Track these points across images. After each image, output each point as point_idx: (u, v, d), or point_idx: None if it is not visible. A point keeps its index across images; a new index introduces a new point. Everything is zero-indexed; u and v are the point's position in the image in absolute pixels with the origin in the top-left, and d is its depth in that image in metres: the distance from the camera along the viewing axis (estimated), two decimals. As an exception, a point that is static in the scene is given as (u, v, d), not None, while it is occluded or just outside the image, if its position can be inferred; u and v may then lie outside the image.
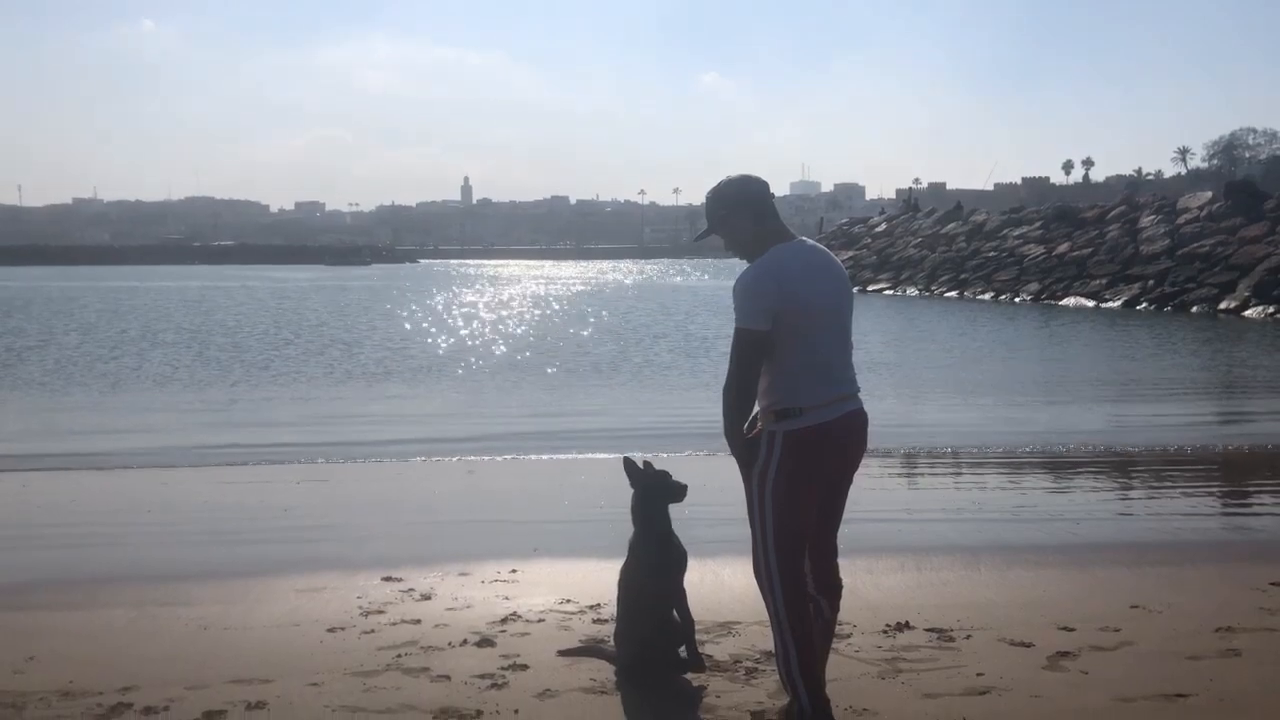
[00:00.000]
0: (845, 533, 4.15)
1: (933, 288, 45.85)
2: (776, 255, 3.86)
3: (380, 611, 5.57)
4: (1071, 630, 5.12)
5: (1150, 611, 5.43)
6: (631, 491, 4.64)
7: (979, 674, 4.57)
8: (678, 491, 4.64)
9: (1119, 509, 8.70)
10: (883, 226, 57.60)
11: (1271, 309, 30.59)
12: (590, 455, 11.07)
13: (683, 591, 4.62)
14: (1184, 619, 5.28)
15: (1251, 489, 9.67)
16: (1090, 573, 6.29)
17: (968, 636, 5.08)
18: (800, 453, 3.83)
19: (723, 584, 5.50)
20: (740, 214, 3.97)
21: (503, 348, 25.39)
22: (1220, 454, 11.15)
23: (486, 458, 10.97)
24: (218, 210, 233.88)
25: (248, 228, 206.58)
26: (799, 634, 3.87)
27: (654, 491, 4.62)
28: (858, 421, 3.96)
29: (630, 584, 4.61)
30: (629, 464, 4.66)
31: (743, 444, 3.89)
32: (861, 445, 4.02)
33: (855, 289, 40.52)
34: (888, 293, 47.19)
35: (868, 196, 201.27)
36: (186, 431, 13.13)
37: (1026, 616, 5.35)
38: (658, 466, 4.71)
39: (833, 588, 4.04)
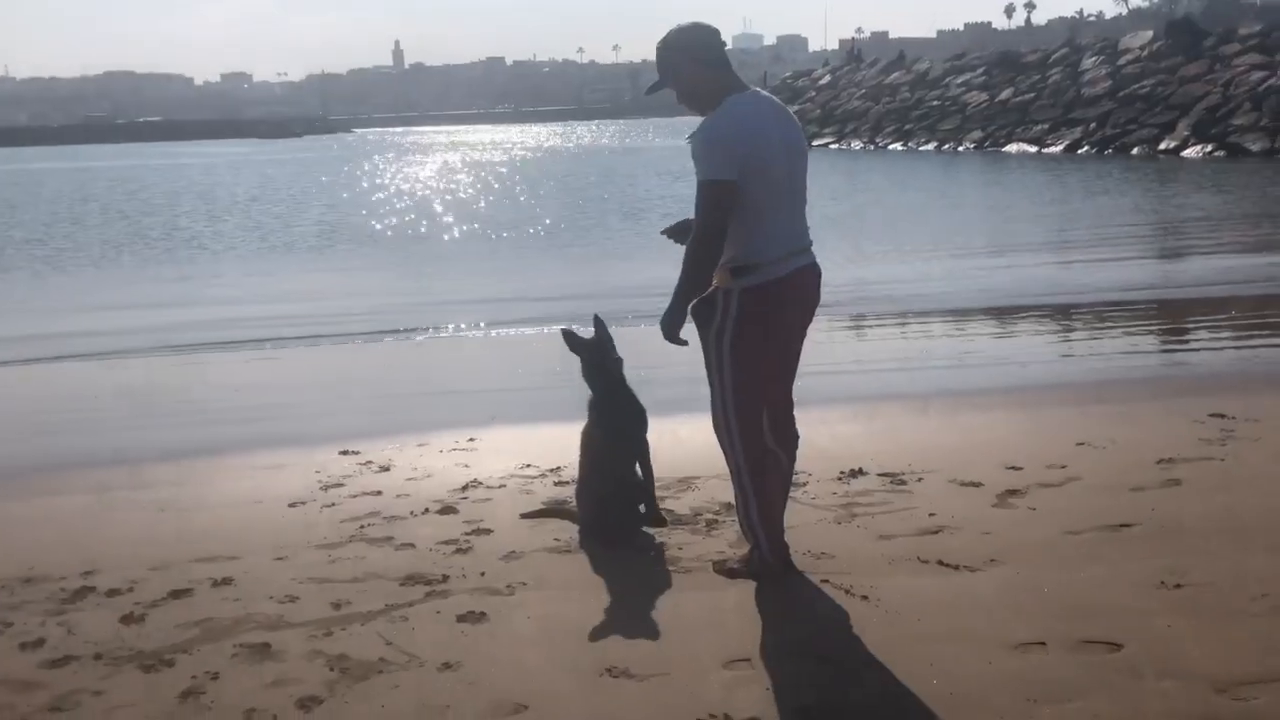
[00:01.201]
0: (799, 385, 4.19)
1: (877, 140, 45.63)
2: (734, 105, 3.78)
3: (340, 485, 5.59)
4: (1019, 469, 5.27)
5: (1095, 448, 5.59)
6: (579, 359, 4.65)
7: (931, 514, 4.71)
8: (613, 366, 4.65)
9: (1063, 351, 8.89)
10: (826, 79, 56.91)
11: (1209, 147, 30.86)
12: (544, 329, 11.05)
13: (645, 446, 4.67)
14: (1127, 453, 5.45)
15: (1189, 326, 9.91)
16: (1037, 413, 6.44)
17: (919, 479, 5.21)
18: (757, 308, 3.82)
19: (680, 441, 5.55)
20: (692, 63, 3.87)
21: (449, 219, 24.99)
22: (1158, 299, 11.39)
23: (438, 334, 10.91)
24: (139, 85, 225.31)
25: (173, 103, 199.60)
26: (758, 485, 3.94)
27: (594, 361, 4.65)
28: (813, 276, 3.95)
29: (590, 444, 4.66)
30: (567, 335, 4.71)
31: (697, 303, 3.83)
32: (816, 299, 4.02)
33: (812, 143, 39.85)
34: (833, 147, 46.90)
35: (810, 49, 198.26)
36: (132, 315, 12.86)
37: (975, 458, 5.49)
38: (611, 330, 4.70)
39: (790, 439, 4.11)
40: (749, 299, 3.81)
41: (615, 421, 4.60)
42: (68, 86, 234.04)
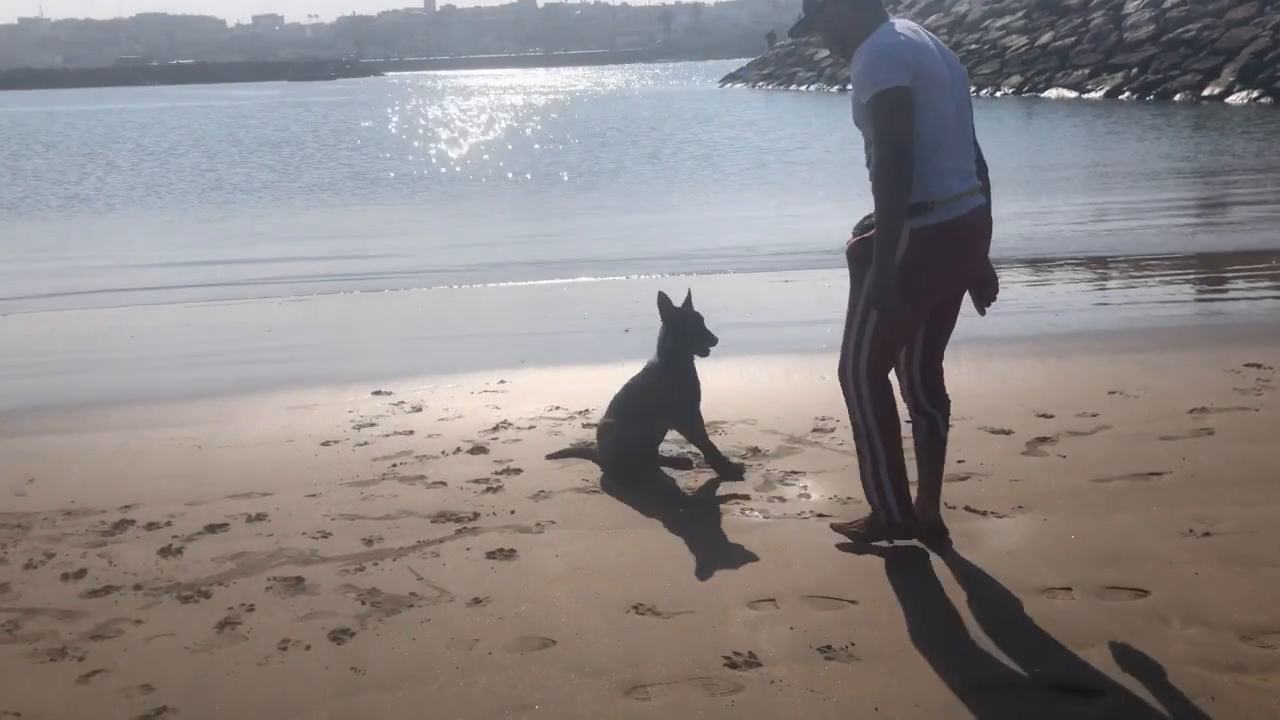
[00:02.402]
0: (826, 333, 4.17)
1: (913, 84, 44.89)
2: (891, 26, 3.49)
3: (372, 424, 5.66)
4: (1050, 417, 5.25)
5: (1127, 396, 5.55)
6: (662, 325, 4.66)
7: (960, 461, 4.70)
8: (704, 340, 4.62)
9: (1097, 299, 8.80)
10: (862, 22, 55.87)
11: (1256, 93, 30.16)
12: (576, 279, 11.05)
13: (698, 419, 4.66)
14: (1159, 402, 5.41)
15: (1228, 275, 9.76)
16: (1069, 361, 6.40)
17: (949, 426, 5.18)
18: (928, 254, 3.47)
19: (709, 387, 5.56)
20: (841, 2, 3.58)
21: (482, 164, 24.93)
22: (1196, 250, 11.21)
23: (470, 286, 10.94)
24: (172, 28, 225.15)
25: (205, 45, 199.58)
26: (889, 444, 3.70)
27: (682, 332, 4.62)
28: (987, 219, 3.61)
29: (633, 399, 4.68)
30: (662, 299, 4.64)
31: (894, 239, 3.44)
32: (988, 246, 3.66)
33: (834, 89, 39.43)
34: (867, 91, 46.19)
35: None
36: (172, 254, 12.98)
37: (1006, 405, 5.47)
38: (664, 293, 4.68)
39: (945, 400, 3.87)
40: (920, 242, 3.45)
41: (683, 395, 4.62)
42: (101, 29, 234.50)
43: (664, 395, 4.63)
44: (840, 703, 2.93)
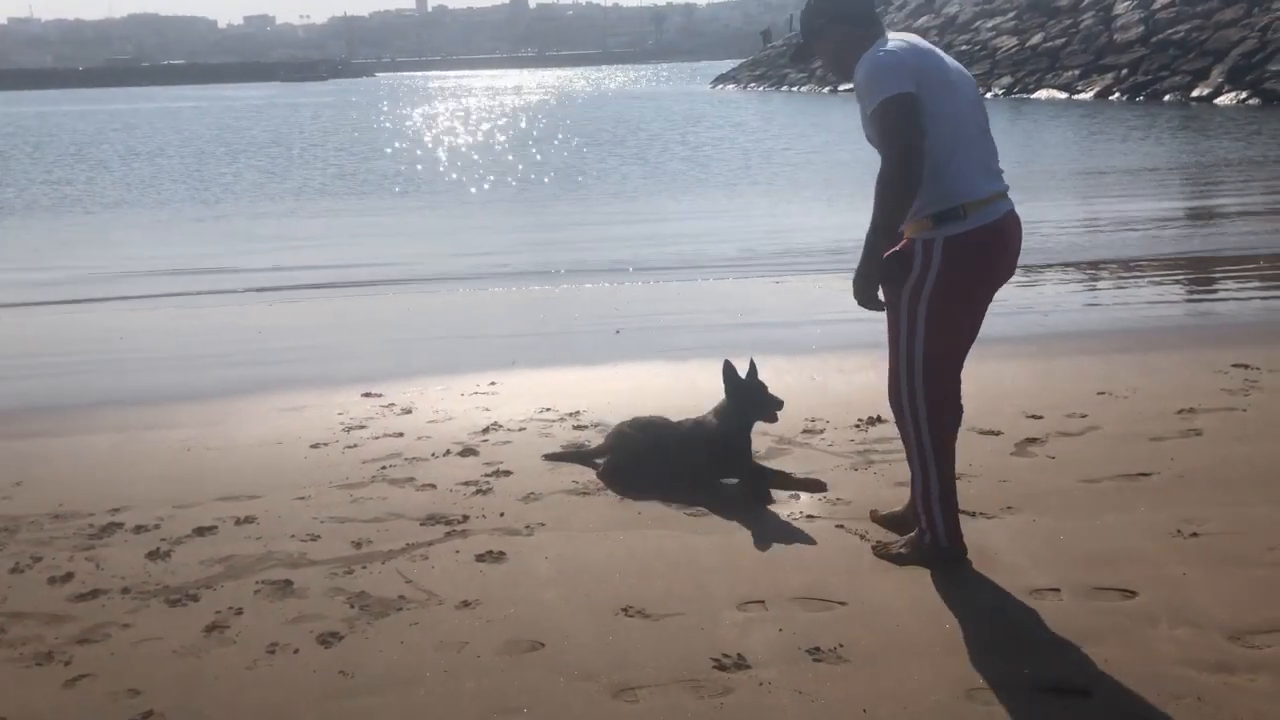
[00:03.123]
0: (814, 332, 4.18)
1: (904, 85, 44.98)
2: (887, 38, 3.46)
3: (362, 426, 5.65)
4: (1039, 418, 5.26)
5: (1116, 397, 5.56)
6: (726, 394, 4.53)
7: (949, 462, 4.71)
8: (770, 406, 4.49)
9: (1086, 300, 8.82)
10: (853, 23, 56.01)
11: (1244, 94, 30.26)
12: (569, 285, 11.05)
13: (753, 468, 4.54)
14: (1148, 402, 5.42)
15: (1216, 276, 9.80)
16: (1058, 362, 6.41)
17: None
18: (963, 261, 3.41)
19: (697, 389, 5.57)
20: (837, 22, 3.57)
21: (469, 166, 24.91)
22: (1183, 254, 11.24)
23: (460, 283, 10.94)
24: (163, 28, 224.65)
25: (196, 46, 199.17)
26: (942, 465, 3.59)
27: (747, 402, 4.49)
28: (1018, 224, 3.55)
29: (667, 436, 4.62)
30: (728, 369, 4.49)
31: (890, 255, 3.43)
32: (1019, 250, 3.58)
33: (825, 90, 39.58)
34: (858, 92, 46.29)
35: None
36: (158, 256, 12.94)
37: (996, 406, 5.47)
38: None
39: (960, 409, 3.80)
40: (954, 250, 3.40)
41: (741, 455, 4.52)
42: (92, 29, 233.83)
43: (711, 447, 4.50)
44: (829, 704, 2.93)
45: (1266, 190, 15.29)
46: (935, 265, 3.41)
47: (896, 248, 3.49)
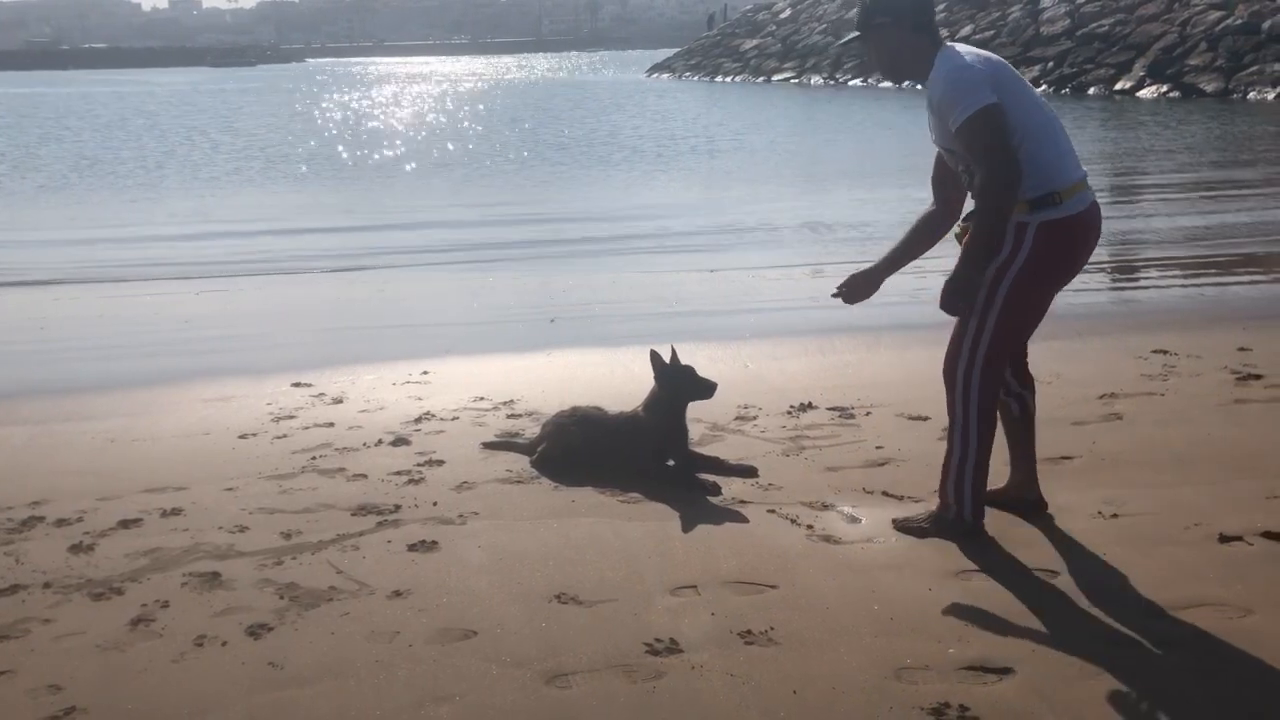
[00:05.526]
0: (751, 321, 4.21)
1: (837, 75, 45.37)
2: (955, 49, 3.54)
3: (291, 417, 5.57)
4: (966, 403, 5.34)
5: (1040, 382, 5.57)
6: (655, 381, 4.57)
7: (878, 447, 4.79)
8: (705, 388, 4.56)
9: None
10: (787, 13, 56.28)
11: (1164, 88, 31.01)
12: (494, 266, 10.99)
13: (689, 454, 4.59)
14: (1071, 388, 5.55)
15: (1137, 264, 10.04)
16: (985, 349, 6.52)
17: (867, 413, 5.29)
18: (1053, 247, 3.52)
19: (633, 376, 5.58)
20: (900, 27, 3.59)
21: (398, 151, 24.63)
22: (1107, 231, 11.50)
23: (392, 267, 10.83)
24: (84, 10, 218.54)
25: (119, 29, 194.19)
26: (984, 439, 3.70)
27: (675, 386, 4.54)
28: (1099, 212, 3.66)
29: (603, 429, 4.64)
30: (655, 356, 4.56)
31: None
32: (1098, 241, 3.70)
33: (759, 80, 39.77)
34: (793, 82, 46.59)
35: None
36: (79, 245, 12.61)
37: (924, 393, 5.53)
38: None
39: (1031, 379, 3.96)
40: (1046, 235, 3.50)
41: (675, 440, 4.55)
42: (8, 10, 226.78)
43: (647, 440, 4.54)
44: (760, 686, 2.96)
45: (1187, 181, 15.69)
46: (1026, 248, 3.51)
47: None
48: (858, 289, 4.08)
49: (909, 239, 4.00)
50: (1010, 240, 3.52)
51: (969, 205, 3.77)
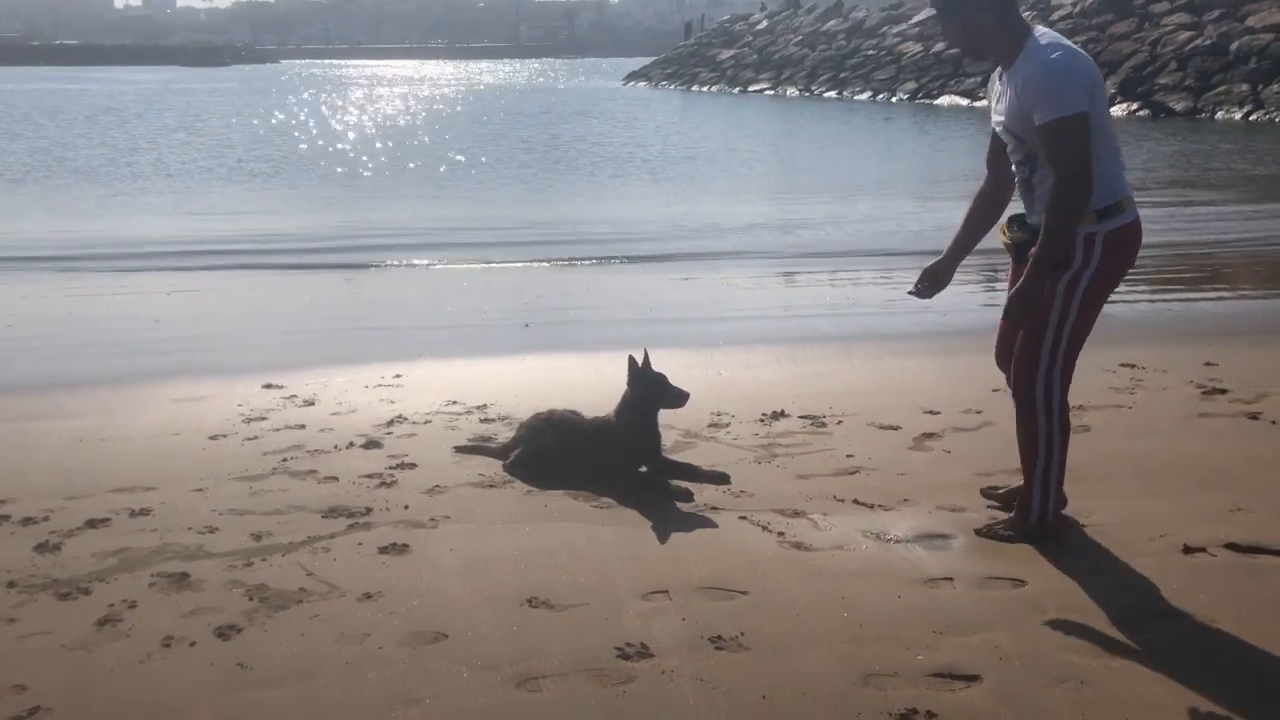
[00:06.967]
0: (724, 329, 4.23)
1: (813, 87, 45.63)
2: (1056, 37, 3.55)
3: (263, 418, 5.54)
4: (936, 413, 5.40)
5: (1009, 394, 5.71)
6: (628, 385, 4.58)
7: (849, 455, 4.82)
8: (676, 398, 4.58)
9: (984, 300, 9.06)
10: (764, 24, 56.62)
11: (1134, 106, 31.38)
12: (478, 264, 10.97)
13: (663, 460, 4.63)
14: (1040, 400, 5.59)
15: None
16: (956, 360, 6.57)
17: (839, 422, 5.32)
18: (1119, 254, 3.60)
19: (607, 381, 5.59)
20: (984, 9, 3.57)
21: (376, 154, 24.54)
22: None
23: (367, 268, 10.79)
24: (56, 6, 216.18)
25: (91, 26, 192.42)
26: (1065, 450, 3.80)
27: (647, 392, 4.56)
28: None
29: (578, 432, 4.66)
30: (632, 362, 4.57)
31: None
32: None
33: (736, 90, 40.04)
34: (768, 93, 46.82)
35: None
36: (47, 236, 12.48)
37: (895, 402, 5.61)
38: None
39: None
40: (1114, 243, 3.58)
41: (646, 443, 4.59)
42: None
43: (619, 444, 4.56)
44: (729, 691, 2.98)
45: (1160, 199, 15.89)
46: (1096, 258, 3.57)
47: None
48: (938, 281, 4.09)
49: (967, 227, 4.05)
50: (1080, 251, 3.58)
51: (1013, 205, 3.84)
